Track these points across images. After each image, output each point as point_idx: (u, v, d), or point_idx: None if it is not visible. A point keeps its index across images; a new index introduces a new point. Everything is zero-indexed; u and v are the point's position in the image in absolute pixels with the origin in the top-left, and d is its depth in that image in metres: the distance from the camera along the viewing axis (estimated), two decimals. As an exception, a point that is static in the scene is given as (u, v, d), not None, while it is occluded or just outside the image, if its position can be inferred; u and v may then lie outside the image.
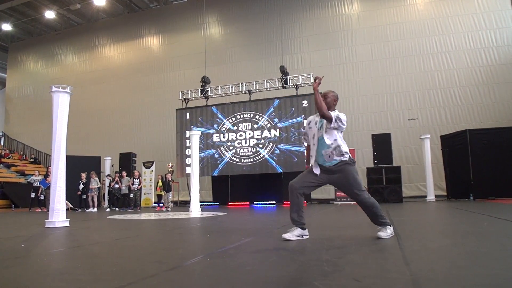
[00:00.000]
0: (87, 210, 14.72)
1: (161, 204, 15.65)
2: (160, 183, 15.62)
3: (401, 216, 7.79)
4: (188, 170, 16.27)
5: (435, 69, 17.79)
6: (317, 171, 4.07)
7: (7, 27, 24.30)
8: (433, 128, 17.17)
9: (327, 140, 4.00)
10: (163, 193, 15.56)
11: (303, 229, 4.06)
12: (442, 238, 4.32)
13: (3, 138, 27.28)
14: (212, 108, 17.55)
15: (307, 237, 4.10)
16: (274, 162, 16.12)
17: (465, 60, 17.49)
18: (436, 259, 2.92)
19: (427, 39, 18.10)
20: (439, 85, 17.62)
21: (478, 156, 13.85)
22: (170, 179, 15.14)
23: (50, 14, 22.84)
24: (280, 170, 16.08)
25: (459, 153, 14.59)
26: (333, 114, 3.99)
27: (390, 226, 4.07)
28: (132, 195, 15.23)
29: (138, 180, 15.40)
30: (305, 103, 16.04)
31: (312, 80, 16.07)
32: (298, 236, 4.01)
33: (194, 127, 17.08)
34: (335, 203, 15.58)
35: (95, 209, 14.91)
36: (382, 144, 15.30)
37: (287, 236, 3.99)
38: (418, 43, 18.17)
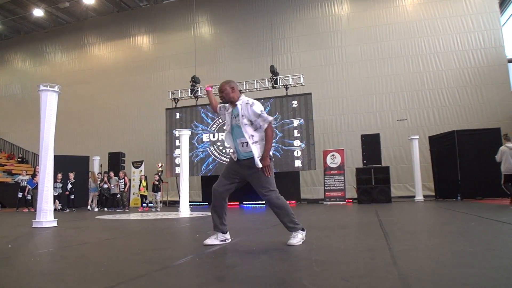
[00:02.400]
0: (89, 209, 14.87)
1: (144, 205, 15.46)
2: (144, 183, 15.47)
3: (390, 216, 7.85)
4: (177, 170, 16.21)
5: (423, 70, 17.94)
6: (234, 158, 3.90)
7: (-6, 25, 24.02)
8: (422, 129, 17.32)
9: (243, 132, 3.76)
10: (146, 193, 15.45)
11: (224, 233, 3.92)
12: (430, 238, 4.36)
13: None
14: (202, 108, 17.49)
15: (230, 240, 3.96)
16: (264, 162, 16.08)
17: (453, 61, 17.67)
18: (424, 259, 2.94)
19: (416, 40, 18.25)
20: (428, 86, 17.78)
21: (466, 156, 13.99)
22: (156, 181, 14.94)
23: (38, 12, 22.59)
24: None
25: (447, 154, 14.72)
26: (240, 102, 3.81)
27: (303, 230, 3.76)
28: (119, 196, 15.16)
29: (123, 181, 15.30)
30: (294, 103, 16.06)
31: (302, 81, 16.14)
32: (221, 241, 3.88)
33: (184, 127, 17.01)
34: (324, 203, 15.63)
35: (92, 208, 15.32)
36: (371, 144, 15.39)
37: (208, 241, 3.84)
38: (407, 44, 18.32)
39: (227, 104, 4.04)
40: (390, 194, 14.68)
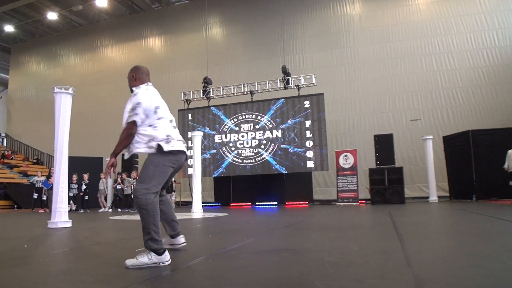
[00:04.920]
0: (99, 211, 14.95)
1: None
2: None
3: (403, 217, 7.78)
4: (190, 171, 16.28)
5: (437, 69, 17.75)
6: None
7: (9, 28, 24.35)
8: (436, 129, 17.13)
9: None
10: None
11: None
12: (445, 239, 4.31)
13: (5, 139, 27.35)
14: (214, 109, 17.55)
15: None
16: (275, 163, 16.11)
17: (467, 60, 17.45)
18: (438, 260, 2.91)
19: (429, 40, 18.06)
20: (442, 86, 17.58)
21: (481, 156, 13.81)
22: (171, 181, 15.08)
23: (52, 16, 22.89)
24: (281, 171, 16.08)
25: (462, 154, 14.55)
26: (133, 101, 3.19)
27: (160, 253, 2.94)
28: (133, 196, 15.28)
29: (134, 181, 15.44)
30: (307, 103, 16.02)
31: (314, 81, 16.09)
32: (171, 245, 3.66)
33: (196, 128, 17.09)
34: (337, 204, 15.56)
35: (106, 209, 15.50)
36: (384, 144, 15.29)
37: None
38: (420, 44, 18.13)
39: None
40: (404, 195, 14.56)
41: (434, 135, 16.33)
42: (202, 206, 13.12)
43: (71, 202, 14.22)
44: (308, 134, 15.81)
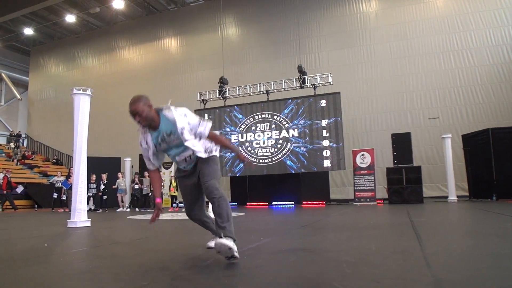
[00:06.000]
0: (117, 210, 15.14)
1: (174, 205, 15.67)
2: (174, 183, 15.66)
3: (422, 216, 7.68)
4: (206, 170, 16.31)
5: (455, 66, 17.48)
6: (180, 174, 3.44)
7: (29, 31, 24.81)
8: (454, 127, 16.87)
9: (184, 150, 3.20)
10: (176, 193, 15.63)
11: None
12: (464, 239, 4.24)
13: (26, 139, 27.89)
14: (230, 109, 17.60)
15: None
16: (292, 163, 16.08)
17: (486, 57, 17.13)
18: (458, 261, 2.87)
19: (447, 36, 17.79)
20: (460, 83, 17.31)
21: (501, 155, 13.57)
22: None
23: (70, 18, 23.24)
24: (298, 170, 16.04)
25: (482, 153, 14.32)
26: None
27: (234, 240, 2.94)
28: (150, 195, 15.43)
29: None
30: (323, 102, 15.94)
31: (330, 80, 15.98)
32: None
33: (212, 128, 17.09)
34: (354, 203, 15.46)
35: (124, 208, 15.64)
36: (402, 143, 15.13)
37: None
38: (438, 41, 17.88)
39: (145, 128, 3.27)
40: (422, 195, 14.38)
41: (453, 134, 16.09)
42: (219, 205, 13.14)
43: (90, 201, 14.43)
44: (324, 133, 15.73)
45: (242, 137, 17.11)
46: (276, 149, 16.46)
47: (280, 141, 16.46)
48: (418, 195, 14.22)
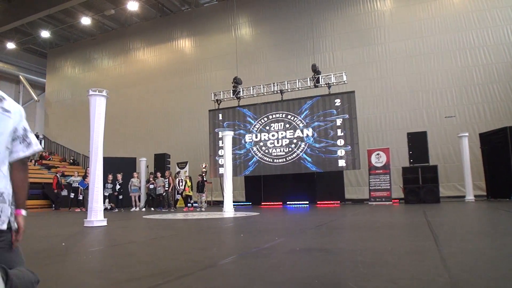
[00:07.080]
0: (131, 210, 15.33)
1: (189, 205, 15.74)
2: (188, 183, 15.76)
3: (439, 216, 7.59)
4: (221, 170, 16.40)
5: (472, 64, 17.21)
6: None
7: (45, 34, 25.17)
8: (471, 126, 16.62)
9: None
10: (191, 193, 15.69)
11: None
12: (482, 240, 4.18)
13: (43, 140, 28.31)
14: (244, 108, 17.62)
15: None
16: (306, 162, 16.03)
17: (504, 54, 16.82)
18: (475, 261, 2.83)
19: (464, 33, 17.53)
20: (477, 81, 17.03)
21: (520, 154, 13.32)
22: (201, 179, 15.22)
23: (86, 20, 23.51)
24: (313, 170, 15.98)
25: (499, 151, 14.08)
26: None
27: None
28: (164, 194, 15.54)
29: (167, 180, 15.66)
30: (337, 101, 15.86)
31: (345, 79, 15.89)
32: None
33: (227, 127, 17.19)
34: (369, 203, 15.34)
35: (137, 208, 15.73)
36: (418, 142, 14.95)
37: None
38: (454, 38, 17.62)
39: None
40: (439, 194, 14.19)
41: (470, 132, 15.84)
42: (233, 205, 13.22)
43: (106, 200, 14.58)
44: (339, 132, 15.65)
45: (256, 137, 17.11)
46: (290, 149, 16.43)
47: (295, 141, 16.42)
48: (435, 194, 14.04)
